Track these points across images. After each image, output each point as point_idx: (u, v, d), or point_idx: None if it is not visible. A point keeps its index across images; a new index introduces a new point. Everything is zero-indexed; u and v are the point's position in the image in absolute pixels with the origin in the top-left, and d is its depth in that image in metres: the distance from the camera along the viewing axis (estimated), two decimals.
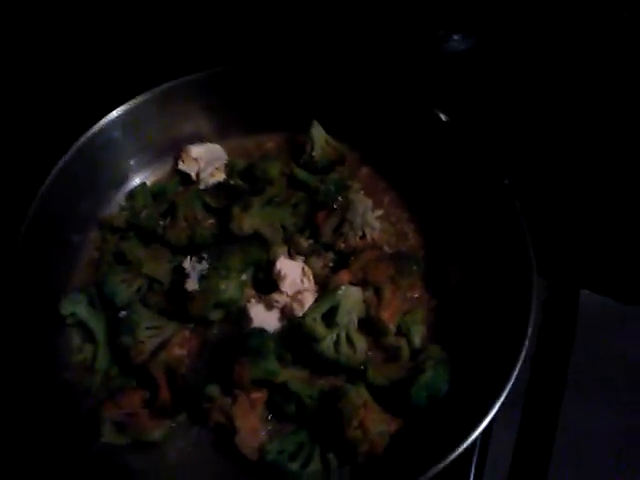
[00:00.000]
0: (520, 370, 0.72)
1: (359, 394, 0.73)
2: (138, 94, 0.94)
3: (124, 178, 0.98)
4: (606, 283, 0.93)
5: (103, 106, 0.93)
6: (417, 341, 0.82)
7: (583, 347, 0.88)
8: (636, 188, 1.00)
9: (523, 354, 0.72)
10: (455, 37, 1.14)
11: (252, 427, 0.74)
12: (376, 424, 0.72)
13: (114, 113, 0.93)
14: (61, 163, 0.88)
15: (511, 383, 0.71)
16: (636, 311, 0.91)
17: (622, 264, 0.95)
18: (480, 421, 0.70)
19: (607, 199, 1.00)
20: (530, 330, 0.73)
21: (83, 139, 0.89)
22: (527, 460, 0.83)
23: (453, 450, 0.67)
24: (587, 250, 0.96)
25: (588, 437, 0.83)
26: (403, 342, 0.82)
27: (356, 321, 0.81)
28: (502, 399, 0.71)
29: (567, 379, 0.86)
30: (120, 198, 0.97)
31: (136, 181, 0.99)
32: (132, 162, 0.98)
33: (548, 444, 0.83)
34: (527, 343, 0.73)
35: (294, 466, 0.72)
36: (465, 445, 0.68)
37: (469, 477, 0.79)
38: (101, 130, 0.92)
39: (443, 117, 0.90)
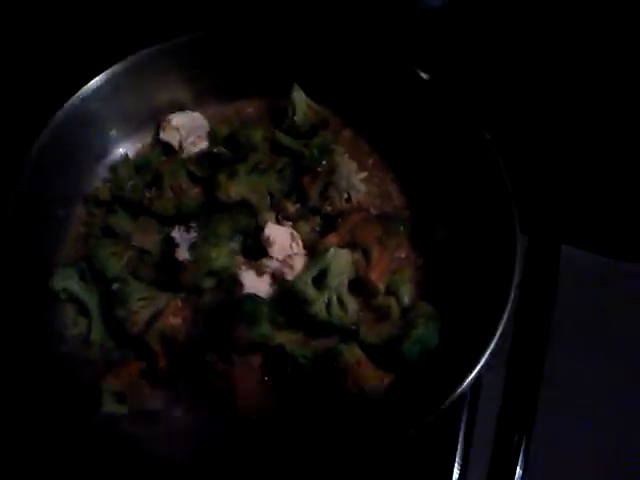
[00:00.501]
0: (505, 324, 0.75)
1: (353, 353, 0.76)
2: (113, 64, 0.93)
3: (105, 151, 0.97)
4: (587, 238, 0.94)
5: (78, 78, 0.91)
6: (406, 300, 0.84)
7: (565, 302, 0.90)
8: (618, 140, 1.02)
9: (509, 306, 0.74)
10: None
11: (250, 390, 0.76)
12: (370, 380, 0.75)
13: (90, 84, 0.90)
14: (41, 138, 0.86)
15: (498, 334, 0.74)
16: (617, 265, 0.93)
17: (603, 218, 0.97)
18: (470, 372, 0.72)
19: (588, 153, 1.01)
20: (515, 282, 0.75)
21: (61, 112, 0.87)
22: (515, 410, 0.86)
23: (445, 400, 0.70)
24: (567, 205, 0.98)
25: (572, 387, 0.87)
26: (393, 301, 0.83)
27: (346, 283, 0.83)
28: (489, 350, 0.73)
29: (550, 333, 0.89)
30: (102, 171, 0.96)
31: (117, 153, 0.97)
32: (112, 134, 0.97)
33: (534, 394, 0.86)
34: (512, 295, 0.75)
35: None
36: (456, 394, 0.70)
37: (459, 428, 0.83)
38: (78, 102, 0.89)
39: (423, 75, 0.90)
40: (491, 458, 0.84)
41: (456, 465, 0.82)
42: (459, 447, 0.82)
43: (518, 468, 0.83)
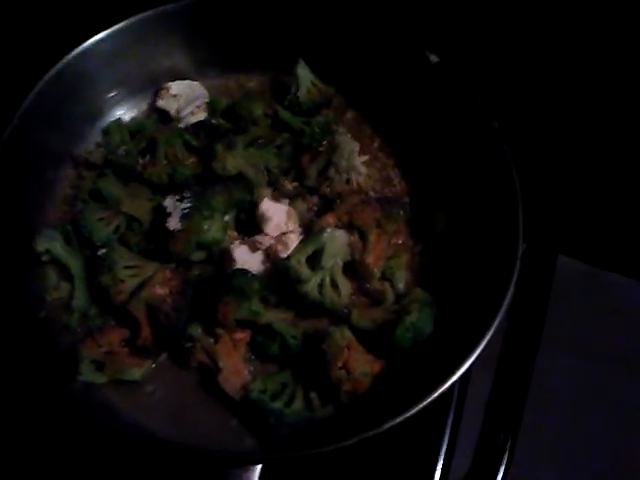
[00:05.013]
0: (501, 318, 0.73)
1: (343, 335, 0.73)
2: (115, 23, 0.89)
3: (99, 113, 0.94)
4: (584, 249, 0.94)
5: (77, 36, 0.88)
6: (401, 286, 0.82)
7: (557, 309, 0.90)
8: (622, 154, 1.00)
9: (508, 299, 0.72)
10: None
11: (235, 367, 0.74)
12: (359, 365, 0.72)
13: (89, 42, 0.88)
14: (32, 95, 0.83)
15: (494, 328, 0.71)
16: (611, 277, 0.93)
17: (601, 229, 0.96)
18: (462, 363, 0.70)
19: (592, 165, 0.99)
20: (515, 275, 0.73)
21: (57, 67, 0.85)
22: (502, 410, 0.85)
23: (434, 391, 0.68)
24: (566, 215, 0.97)
25: (559, 391, 0.86)
26: (387, 287, 0.82)
27: (341, 264, 0.80)
28: (483, 343, 0.71)
29: (541, 339, 0.88)
30: (95, 134, 0.93)
31: (112, 117, 0.95)
32: (108, 97, 0.94)
33: (522, 395, 0.85)
34: (512, 288, 0.73)
35: (277, 405, 0.72)
36: (446, 386, 0.68)
37: (446, 422, 0.81)
38: (75, 60, 0.87)
39: (433, 58, 0.88)
40: (475, 454, 0.82)
41: (440, 459, 0.80)
42: (444, 441, 0.81)
43: (502, 466, 0.82)
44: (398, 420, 0.65)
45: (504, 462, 0.82)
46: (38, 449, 0.76)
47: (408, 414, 0.66)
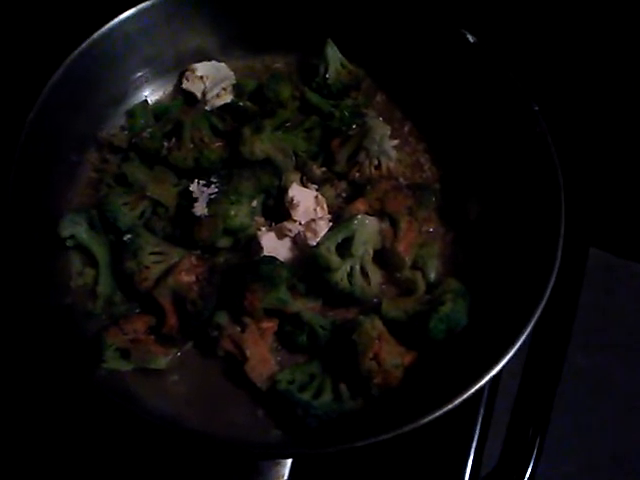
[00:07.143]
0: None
1: (374, 325, 0.71)
2: (140, 2, 0.87)
3: (123, 95, 0.92)
4: (616, 241, 0.91)
5: (102, 15, 0.86)
6: (432, 275, 0.80)
7: (589, 303, 0.88)
8: None
9: (548, 291, 0.69)
10: None
11: (262, 356, 0.72)
12: (391, 356, 0.70)
13: (113, 22, 0.85)
14: (57, 76, 0.81)
15: (534, 321, 0.69)
16: None
17: (633, 222, 0.93)
18: (498, 360, 0.67)
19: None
20: (557, 266, 0.70)
21: (80, 49, 0.82)
22: (531, 404, 0.83)
23: (473, 384, 0.65)
24: (597, 207, 0.93)
25: (589, 385, 0.84)
26: (418, 276, 0.79)
27: (371, 252, 0.78)
28: (522, 338, 0.68)
29: (572, 332, 0.86)
30: (119, 117, 0.91)
31: (137, 99, 0.93)
32: (132, 78, 0.92)
33: (551, 390, 0.83)
34: (553, 279, 0.70)
35: (305, 396, 0.70)
36: (485, 380, 0.66)
37: (478, 413, 0.79)
38: (99, 41, 0.84)
39: (470, 38, 0.84)
40: (503, 449, 0.80)
41: (471, 453, 0.78)
42: (475, 435, 0.78)
43: (531, 461, 0.80)
44: (437, 414, 0.63)
45: (533, 457, 0.80)
46: (62, 437, 0.76)
47: (447, 408, 0.64)
